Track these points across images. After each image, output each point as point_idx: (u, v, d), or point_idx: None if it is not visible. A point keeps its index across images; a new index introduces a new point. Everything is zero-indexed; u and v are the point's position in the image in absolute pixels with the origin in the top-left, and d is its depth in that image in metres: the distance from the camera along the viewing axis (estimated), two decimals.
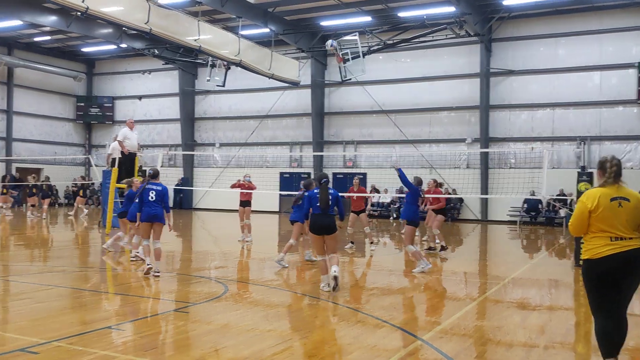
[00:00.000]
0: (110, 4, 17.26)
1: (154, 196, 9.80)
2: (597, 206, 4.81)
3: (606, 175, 4.94)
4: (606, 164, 4.96)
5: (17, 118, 33.23)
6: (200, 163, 33.63)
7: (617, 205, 4.81)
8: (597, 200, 4.83)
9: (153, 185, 9.88)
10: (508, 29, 26.11)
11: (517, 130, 26.25)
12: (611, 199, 4.83)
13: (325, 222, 8.77)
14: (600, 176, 5.01)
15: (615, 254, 4.75)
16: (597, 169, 5.11)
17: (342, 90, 29.55)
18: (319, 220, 8.79)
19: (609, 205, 4.81)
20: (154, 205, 9.78)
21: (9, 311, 7.55)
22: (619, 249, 4.75)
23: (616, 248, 4.76)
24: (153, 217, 9.81)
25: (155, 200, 9.80)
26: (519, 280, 10.62)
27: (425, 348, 5.91)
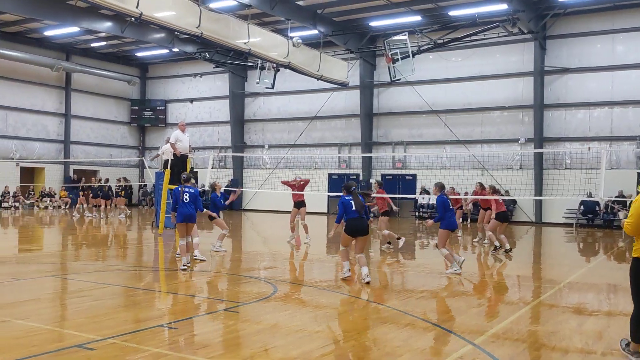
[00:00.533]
0: (162, 9, 17.67)
1: (187, 198, 10.53)
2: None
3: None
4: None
5: (75, 121, 34.39)
6: (250, 164, 34.01)
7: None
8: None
9: (187, 189, 10.62)
10: (563, 26, 25.38)
11: (573, 129, 25.47)
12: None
13: (361, 225, 9.58)
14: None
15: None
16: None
17: (391, 90, 29.36)
18: (356, 223, 9.56)
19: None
20: (188, 207, 10.52)
21: (67, 308, 7.80)
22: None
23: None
24: (188, 217, 10.54)
25: (189, 201, 10.53)
26: (575, 284, 10.28)
27: (476, 352, 5.78)
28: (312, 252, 14.46)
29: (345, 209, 9.61)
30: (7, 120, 31.16)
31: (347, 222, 9.60)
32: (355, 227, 9.55)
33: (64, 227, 21.22)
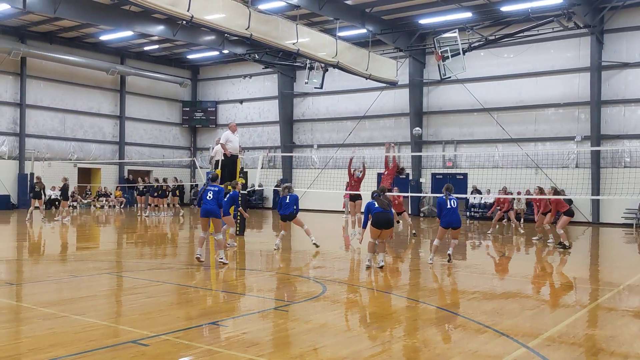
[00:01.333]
0: (213, 11, 17.93)
1: (211, 195, 11.22)
2: None
3: None
4: None
5: (129, 123, 35.34)
6: (299, 164, 34.17)
7: None
8: None
9: (211, 187, 11.35)
10: (622, 19, 24.46)
11: (633, 126, 24.52)
12: None
13: (385, 217, 10.85)
14: None
15: None
16: None
17: (440, 88, 28.97)
18: (381, 215, 10.84)
19: None
20: (210, 203, 11.18)
21: (122, 305, 8.01)
22: None
23: None
24: (208, 212, 11.22)
25: (212, 198, 11.18)
26: (636, 287, 9.88)
27: (530, 356, 5.62)
28: (362, 252, 14.40)
29: (370, 210, 11.14)
30: (66, 123, 32.28)
31: (373, 216, 10.90)
32: (379, 219, 10.78)
33: (119, 226, 21.83)
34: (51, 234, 18.52)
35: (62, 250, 14.48)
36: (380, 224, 10.78)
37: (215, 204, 11.18)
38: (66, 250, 14.66)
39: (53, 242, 16.25)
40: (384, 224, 10.80)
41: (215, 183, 11.51)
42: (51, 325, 6.44)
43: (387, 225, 10.86)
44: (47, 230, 19.49)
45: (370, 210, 11.10)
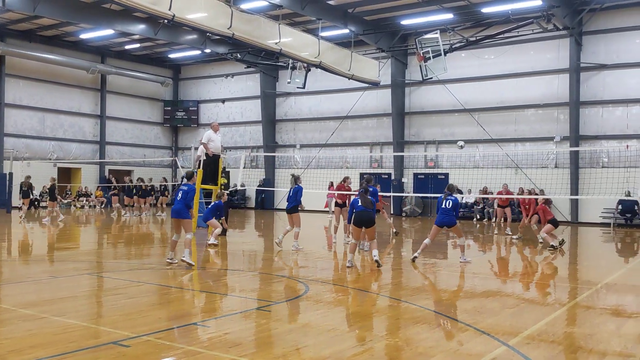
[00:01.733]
0: (195, 10, 17.85)
1: (180, 195, 10.87)
2: None
3: None
4: None
5: (109, 122, 35.04)
6: (282, 164, 34.15)
7: None
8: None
9: (182, 187, 11.03)
10: (600, 21, 24.82)
11: (611, 127, 24.90)
12: None
13: (363, 216, 10.92)
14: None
15: None
16: None
17: (422, 89, 29.14)
18: (360, 214, 10.93)
19: None
20: (178, 203, 10.86)
21: (103, 306, 7.95)
22: None
23: None
24: (174, 212, 10.91)
25: (181, 199, 10.82)
26: (613, 285, 10.04)
27: (511, 354, 5.69)
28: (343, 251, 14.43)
29: (353, 206, 11.17)
30: (45, 122, 31.92)
31: (355, 215, 11.06)
32: (358, 218, 10.95)
33: (99, 226, 21.63)
34: (32, 234, 18.29)
35: (42, 251, 14.32)
36: (360, 222, 10.96)
37: (182, 204, 10.81)
38: (46, 250, 14.50)
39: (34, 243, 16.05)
40: (364, 222, 10.96)
41: (189, 182, 11.18)
42: (30, 327, 6.37)
43: (368, 224, 10.99)
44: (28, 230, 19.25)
45: (354, 207, 11.18)
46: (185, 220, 10.88)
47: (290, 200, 13.96)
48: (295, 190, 14.00)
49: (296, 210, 13.90)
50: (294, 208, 13.86)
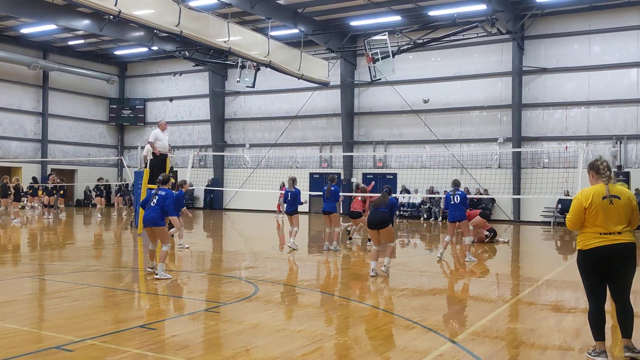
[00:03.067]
0: (141, 7, 17.51)
1: (155, 201, 9.73)
2: (591, 204, 5.37)
3: (600, 174, 5.45)
4: (597, 164, 5.49)
5: (52, 120, 33.97)
6: (231, 164, 33.89)
7: (608, 203, 5.34)
8: (590, 199, 5.38)
9: (160, 191, 9.83)
10: (541, 26, 25.70)
11: (551, 129, 25.81)
12: (603, 197, 5.35)
13: (373, 217, 10.29)
14: (593, 177, 5.54)
15: (603, 246, 5.32)
16: (588, 170, 5.60)
17: (371, 90, 29.46)
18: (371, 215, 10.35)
19: (602, 203, 5.35)
20: (152, 210, 9.69)
21: (45, 309, 7.70)
22: (606, 241, 5.32)
23: (604, 241, 5.32)
24: (147, 221, 9.76)
25: (156, 205, 9.68)
26: (553, 282, 10.42)
27: (456, 350, 5.83)
28: (293, 251, 14.45)
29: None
30: None
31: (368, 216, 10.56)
32: (369, 219, 10.42)
33: (41, 227, 20.94)
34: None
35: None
36: (370, 223, 10.40)
37: (158, 211, 9.66)
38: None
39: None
40: (375, 224, 10.24)
41: (165, 186, 9.95)
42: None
43: (379, 225, 10.21)
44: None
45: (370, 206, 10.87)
46: (159, 228, 9.69)
47: (289, 204, 14.19)
48: (294, 194, 14.11)
49: (297, 212, 14.23)
50: (294, 210, 14.20)
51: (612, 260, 5.33)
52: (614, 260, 5.33)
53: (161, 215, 9.71)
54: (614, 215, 5.34)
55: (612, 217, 5.33)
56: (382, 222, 10.16)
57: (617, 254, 5.32)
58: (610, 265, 5.34)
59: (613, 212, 5.34)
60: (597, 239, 5.34)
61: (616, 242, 5.31)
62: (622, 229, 5.34)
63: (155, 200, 9.72)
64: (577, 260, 5.53)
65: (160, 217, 9.71)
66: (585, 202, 5.40)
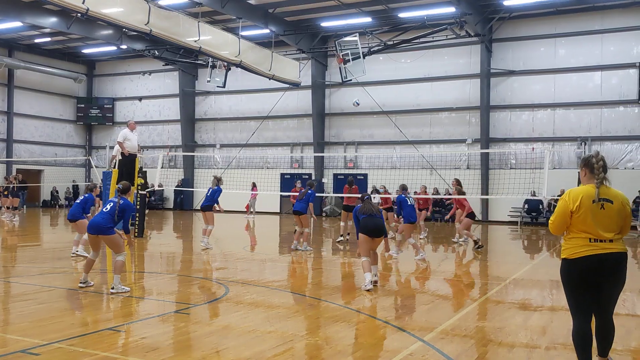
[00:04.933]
0: (110, 5, 17.29)
1: (108, 207, 8.74)
2: (579, 207, 4.64)
3: (594, 174, 4.70)
4: (592, 161, 4.73)
5: (18, 119, 33.26)
6: (201, 164, 33.64)
7: (599, 207, 4.64)
8: (579, 201, 4.65)
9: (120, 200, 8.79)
10: (508, 29, 26.12)
11: (518, 130, 26.25)
12: (594, 200, 4.64)
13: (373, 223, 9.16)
14: (586, 175, 4.79)
15: (592, 255, 4.62)
16: (581, 166, 4.85)
17: (342, 91, 29.55)
18: (369, 221, 9.16)
19: (591, 207, 4.63)
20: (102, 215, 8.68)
21: (10, 312, 7.54)
22: (597, 250, 4.62)
23: (594, 249, 4.63)
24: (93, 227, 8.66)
25: (107, 212, 8.65)
26: (521, 281, 10.60)
27: (426, 349, 5.90)
28: (264, 252, 14.44)
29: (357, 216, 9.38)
30: None
31: (361, 221, 9.27)
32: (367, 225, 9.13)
33: (6, 229, 20.48)
34: None
35: None
36: (369, 230, 9.15)
37: (109, 218, 8.58)
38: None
39: None
40: (373, 231, 9.15)
41: (125, 196, 8.92)
42: None
43: (378, 233, 9.22)
44: None
45: (359, 216, 9.40)
46: (108, 237, 8.63)
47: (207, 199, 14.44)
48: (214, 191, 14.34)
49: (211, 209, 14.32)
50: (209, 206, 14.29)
51: (601, 271, 4.64)
52: (603, 272, 4.65)
53: (111, 222, 8.60)
54: (604, 221, 4.64)
55: (602, 223, 4.63)
56: (381, 230, 9.26)
57: (608, 264, 4.63)
58: (598, 277, 4.67)
59: (604, 217, 4.64)
60: (586, 247, 4.64)
61: (608, 251, 4.62)
62: (614, 237, 4.65)
63: (109, 207, 8.69)
64: (560, 271, 4.86)
65: (110, 224, 8.59)
66: (572, 204, 4.68)
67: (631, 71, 24.08)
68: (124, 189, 8.97)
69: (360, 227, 9.24)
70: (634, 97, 23.90)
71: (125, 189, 8.98)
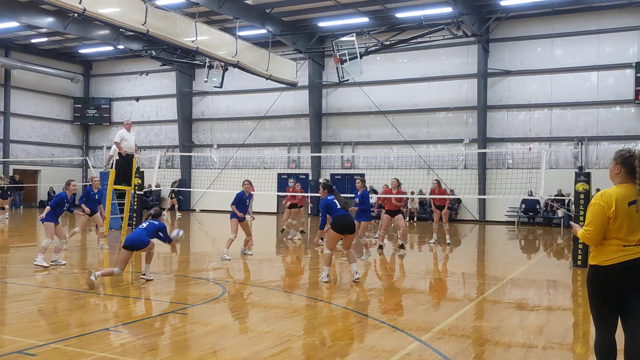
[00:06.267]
0: (107, 5, 17.26)
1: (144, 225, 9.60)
2: (616, 212, 4.19)
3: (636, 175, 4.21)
4: (634, 161, 4.23)
5: (14, 120, 33.19)
6: (198, 164, 33.61)
7: (634, 210, 4.19)
8: (614, 205, 4.19)
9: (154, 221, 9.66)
10: (505, 29, 26.16)
11: (515, 130, 26.29)
12: (629, 202, 4.19)
13: (347, 221, 9.56)
14: (620, 173, 4.31)
15: (628, 261, 4.20)
16: (616, 162, 4.34)
17: (339, 91, 29.56)
18: (344, 219, 9.51)
19: (627, 210, 4.18)
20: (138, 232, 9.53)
21: (6, 313, 7.52)
22: (632, 255, 4.20)
23: (629, 255, 4.20)
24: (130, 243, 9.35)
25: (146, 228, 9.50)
26: (517, 280, 10.62)
27: (423, 349, 5.91)
28: (261, 252, 14.43)
29: (330, 210, 9.54)
30: None
31: (335, 219, 9.47)
32: (342, 224, 9.46)
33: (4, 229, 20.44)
34: None
35: None
36: (342, 228, 9.48)
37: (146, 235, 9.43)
38: None
39: None
40: (348, 227, 9.52)
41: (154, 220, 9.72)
42: None
43: (350, 230, 9.59)
44: None
45: (332, 210, 9.54)
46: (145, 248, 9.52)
47: None
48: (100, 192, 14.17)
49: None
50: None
51: (633, 279, 4.23)
52: (636, 280, 4.23)
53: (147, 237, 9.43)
54: (638, 224, 4.22)
55: (637, 227, 4.22)
56: (353, 226, 9.69)
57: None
58: (629, 285, 4.23)
59: (638, 220, 4.22)
60: (621, 252, 4.20)
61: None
62: None
63: (146, 226, 9.54)
64: (587, 278, 4.41)
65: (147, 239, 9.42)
66: (608, 209, 4.20)
67: (627, 71, 24.14)
68: (156, 214, 9.78)
69: (334, 224, 9.49)
70: (630, 97, 23.96)
71: (157, 214, 9.80)
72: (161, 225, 9.68)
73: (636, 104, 24.07)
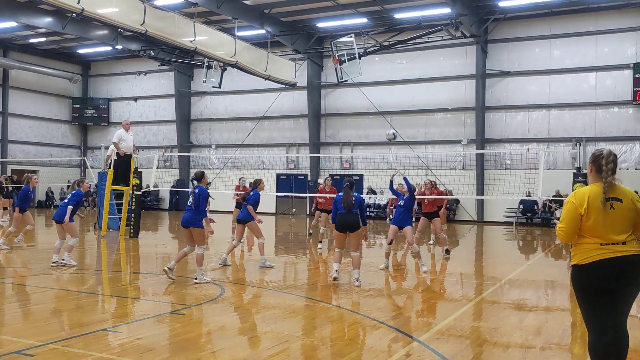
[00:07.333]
0: (105, 5, 17.25)
1: (191, 200, 9.54)
2: (588, 210, 4.27)
3: (602, 173, 4.33)
4: (601, 160, 4.37)
5: (13, 120, 33.16)
6: (197, 164, 33.58)
7: (609, 207, 4.26)
8: (586, 203, 4.28)
9: (195, 189, 9.60)
10: (504, 30, 26.19)
11: (513, 131, 26.32)
12: (602, 200, 4.27)
13: (345, 220, 9.45)
14: (592, 172, 4.44)
15: (606, 259, 4.23)
16: (589, 162, 4.51)
17: (338, 91, 29.57)
18: (342, 218, 9.47)
19: (600, 207, 4.26)
20: (189, 210, 9.55)
21: (5, 313, 7.52)
22: (610, 254, 4.23)
23: (607, 253, 4.23)
24: (185, 221, 9.57)
25: (193, 203, 9.48)
26: (516, 281, 10.63)
27: (422, 349, 5.91)
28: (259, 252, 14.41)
29: (336, 206, 9.62)
30: None
31: (336, 217, 9.62)
32: (340, 222, 9.52)
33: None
34: None
35: None
36: (340, 227, 9.54)
37: (195, 211, 9.43)
38: None
39: None
40: (345, 226, 9.50)
41: (200, 184, 9.64)
42: None
43: (350, 228, 9.49)
44: None
45: (337, 207, 9.62)
46: (197, 230, 9.52)
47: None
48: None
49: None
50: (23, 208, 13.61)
51: (617, 276, 4.23)
52: (618, 277, 4.23)
53: (198, 215, 9.43)
54: (615, 223, 4.26)
55: (613, 226, 4.25)
56: (354, 226, 9.48)
57: (623, 268, 4.22)
58: (613, 283, 4.25)
59: (615, 218, 4.26)
60: (598, 251, 4.25)
61: (622, 254, 4.22)
62: (626, 238, 4.26)
63: (192, 199, 9.48)
64: (572, 278, 4.46)
65: (199, 217, 9.45)
66: (580, 207, 4.30)
67: (625, 72, 24.18)
68: (198, 177, 9.63)
69: (334, 223, 9.66)
70: (629, 98, 24.00)
71: (199, 177, 9.63)
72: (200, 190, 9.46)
73: (634, 105, 24.11)
